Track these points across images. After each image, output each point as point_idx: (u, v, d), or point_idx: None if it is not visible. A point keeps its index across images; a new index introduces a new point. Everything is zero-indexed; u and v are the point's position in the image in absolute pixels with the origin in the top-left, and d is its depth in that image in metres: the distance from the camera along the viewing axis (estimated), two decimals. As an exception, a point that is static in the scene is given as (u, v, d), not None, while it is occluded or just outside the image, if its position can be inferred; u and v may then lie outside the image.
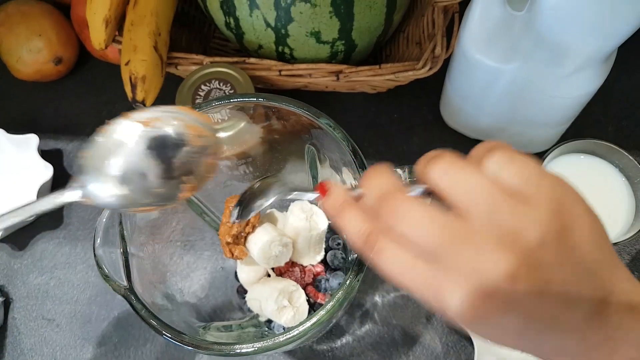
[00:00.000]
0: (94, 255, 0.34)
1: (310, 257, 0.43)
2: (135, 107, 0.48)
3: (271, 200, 0.29)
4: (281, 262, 0.40)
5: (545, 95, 0.44)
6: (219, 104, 0.39)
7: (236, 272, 0.46)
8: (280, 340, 0.32)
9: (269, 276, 0.44)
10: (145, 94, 0.48)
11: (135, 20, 0.49)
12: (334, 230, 0.48)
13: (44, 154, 0.55)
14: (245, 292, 0.44)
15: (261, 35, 0.50)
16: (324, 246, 0.43)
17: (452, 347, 0.47)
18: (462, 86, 0.50)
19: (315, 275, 0.45)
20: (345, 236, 0.25)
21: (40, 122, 0.61)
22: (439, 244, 0.21)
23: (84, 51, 0.63)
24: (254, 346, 0.31)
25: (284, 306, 0.39)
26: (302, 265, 0.44)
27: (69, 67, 0.62)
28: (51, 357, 0.49)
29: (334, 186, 0.26)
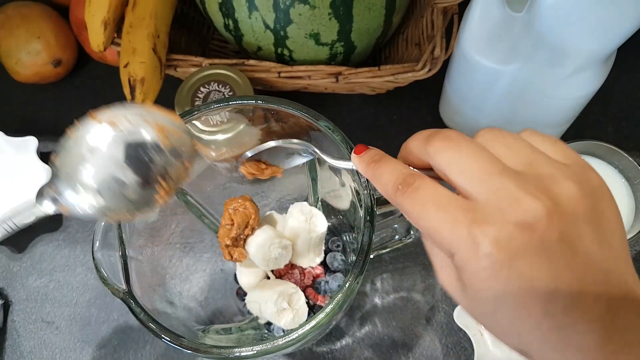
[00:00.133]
0: (92, 258, 0.34)
1: (309, 259, 0.43)
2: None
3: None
4: (281, 264, 0.40)
5: (545, 96, 0.44)
6: (218, 106, 0.39)
7: (235, 275, 0.46)
8: (279, 343, 0.31)
9: (269, 278, 0.44)
10: (144, 96, 0.47)
11: (134, 22, 0.49)
12: (333, 232, 0.48)
13: (43, 156, 0.55)
14: (244, 294, 0.44)
15: (260, 37, 0.50)
16: (323, 248, 0.43)
17: (452, 349, 0.47)
18: (462, 87, 0.50)
19: (314, 277, 0.45)
20: (376, 186, 0.26)
21: (39, 125, 0.61)
22: (483, 173, 0.21)
23: (82, 53, 0.63)
24: (253, 349, 0.31)
25: (283, 308, 0.39)
26: (301, 267, 0.44)
27: (68, 69, 0.62)
28: (50, 360, 0.49)
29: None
